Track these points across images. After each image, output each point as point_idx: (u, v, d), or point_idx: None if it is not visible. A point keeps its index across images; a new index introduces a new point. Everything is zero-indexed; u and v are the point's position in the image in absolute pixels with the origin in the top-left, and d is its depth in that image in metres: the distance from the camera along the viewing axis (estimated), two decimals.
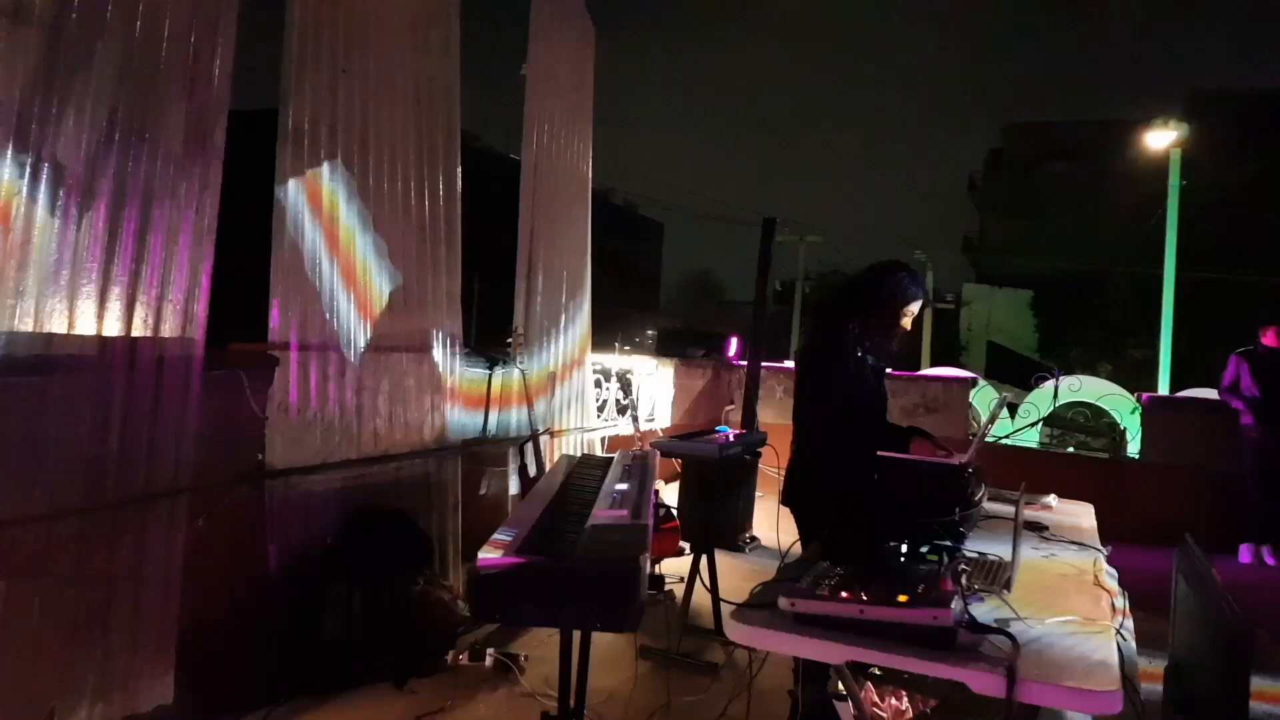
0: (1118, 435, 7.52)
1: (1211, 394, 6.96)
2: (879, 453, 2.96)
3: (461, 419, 4.80)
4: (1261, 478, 6.38)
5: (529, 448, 4.99)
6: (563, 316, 5.69)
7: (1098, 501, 3.65)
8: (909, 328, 3.34)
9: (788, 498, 3.31)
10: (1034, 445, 7.79)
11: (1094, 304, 24.81)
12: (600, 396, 6.55)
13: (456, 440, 4.70)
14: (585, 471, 2.61)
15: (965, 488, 2.75)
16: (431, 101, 4.45)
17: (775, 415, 6.66)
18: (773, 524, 6.01)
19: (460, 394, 4.75)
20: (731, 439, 4.00)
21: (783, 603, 1.99)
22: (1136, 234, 20.44)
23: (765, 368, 8.41)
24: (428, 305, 4.49)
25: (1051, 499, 3.66)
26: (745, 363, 8.96)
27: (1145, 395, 7.59)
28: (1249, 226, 19.97)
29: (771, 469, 4.45)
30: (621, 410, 7.01)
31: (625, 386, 4.34)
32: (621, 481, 2.24)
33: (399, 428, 4.32)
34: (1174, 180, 8.88)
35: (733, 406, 8.62)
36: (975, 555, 2.54)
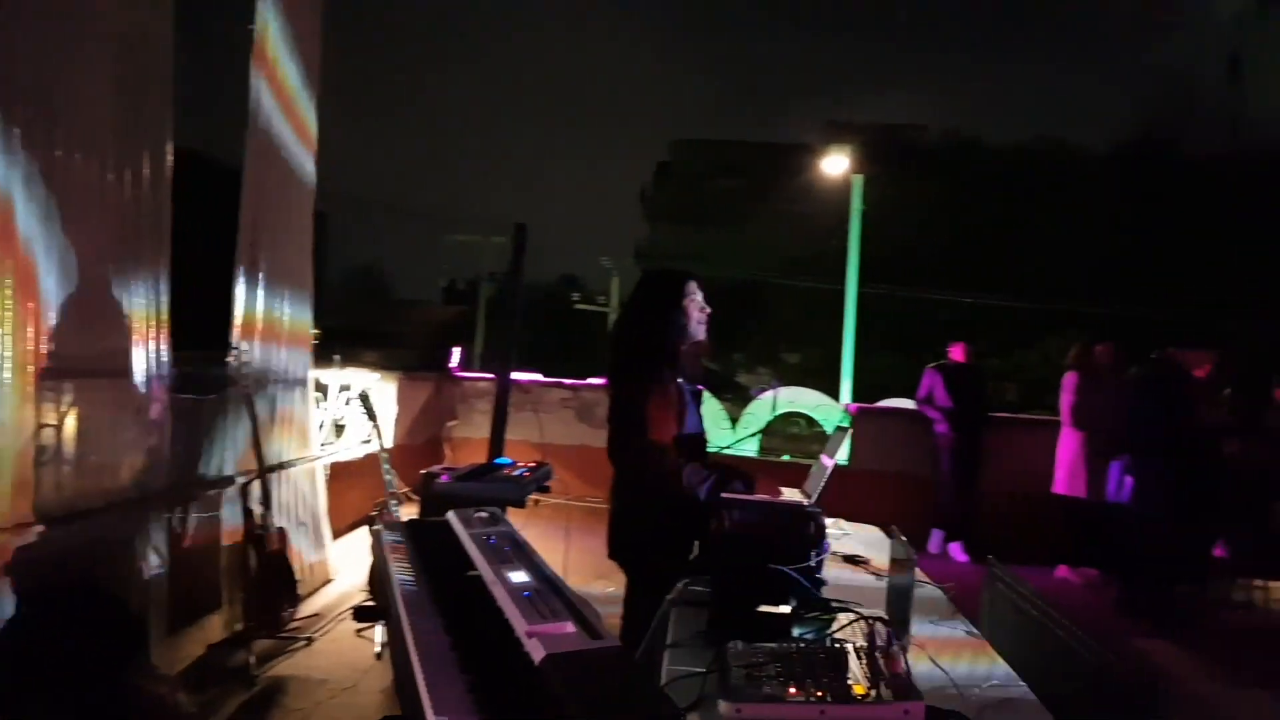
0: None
1: (910, 404, 7.63)
2: (724, 495, 2.72)
3: (167, 457, 3.86)
4: (955, 480, 7.06)
5: (254, 488, 4.15)
6: (285, 328, 4.84)
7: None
8: (705, 316, 3.18)
9: (618, 552, 2.97)
10: (754, 455, 8.11)
11: (754, 312, 27.03)
12: (319, 418, 5.74)
13: (162, 485, 3.76)
14: (433, 549, 2.06)
15: (822, 532, 2.60)
16: (139, 58, 3.50)
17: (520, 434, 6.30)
18: None
19: (167, 426, 3.81)
20: (526, 475, 3.56)
21: (725, 709, 1.65)
22: (796, 248, 22.55)
23: (484, 380, 8.00)
24: (127, 318, 3.54)
25: (841, 523, 3.56)
26: (469, 375, 8.49)
27: (853, 405, 8.20)
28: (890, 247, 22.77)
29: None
30: (339, 430, 6.25)
31: (366, 406, 3.76)
32: (509, 568, 1.74)
33: (89, 474, 3.35)
34: (856, 203, 9.78)
35: (455, 422, 8.04)
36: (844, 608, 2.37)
